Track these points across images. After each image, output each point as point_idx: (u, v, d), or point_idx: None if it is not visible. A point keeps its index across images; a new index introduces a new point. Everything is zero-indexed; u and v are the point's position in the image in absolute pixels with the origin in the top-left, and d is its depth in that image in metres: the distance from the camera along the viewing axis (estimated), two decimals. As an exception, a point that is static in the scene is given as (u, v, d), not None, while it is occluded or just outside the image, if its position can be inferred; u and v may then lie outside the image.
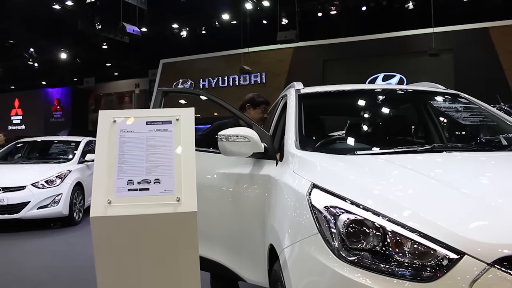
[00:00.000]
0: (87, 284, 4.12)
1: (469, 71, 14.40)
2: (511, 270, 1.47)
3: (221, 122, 3.64)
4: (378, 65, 16.18)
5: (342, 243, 1.67)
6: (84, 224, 7.71)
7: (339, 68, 17.10)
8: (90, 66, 25.24)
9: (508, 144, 2.93)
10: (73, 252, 5.99)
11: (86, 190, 8.06)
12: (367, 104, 3.43)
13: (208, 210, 3.05)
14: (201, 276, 2.18)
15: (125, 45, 17.34)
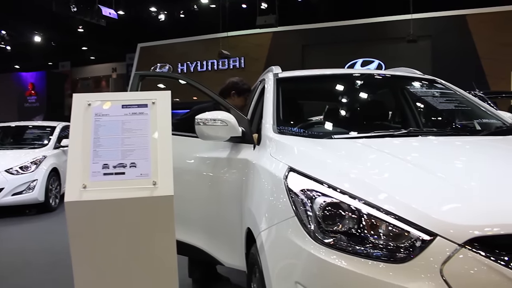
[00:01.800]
0: (63, 270, 4.08)
1: (447, 57, 14.58)
2: (481, 251, 1.50)
3: (200, 106, 3.61)
4: (357, 51, 16.24)
5: (318, 226, 1.68)
6: (60, 210, 7.62)
7: (318, 53, 17.10)
8: (65, 49, 24.68)
9: (481, 129, 2.99)
10: (49, 238, 5.92)
11: (63, 176, 7.95)
12: (345, 88, 3.44)
13: (185, 194, 3.04)
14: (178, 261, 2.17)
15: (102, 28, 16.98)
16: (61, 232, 5.34)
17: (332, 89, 3.46)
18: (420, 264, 1.52)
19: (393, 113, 3.71)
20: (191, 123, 2.71)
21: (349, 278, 1.58)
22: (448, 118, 3.27)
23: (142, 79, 3.04)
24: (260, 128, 2.67)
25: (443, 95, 3.18)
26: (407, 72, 3.56)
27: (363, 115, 3.28)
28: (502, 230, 1.54)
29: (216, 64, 18.80)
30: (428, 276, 1.50)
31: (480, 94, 7.25)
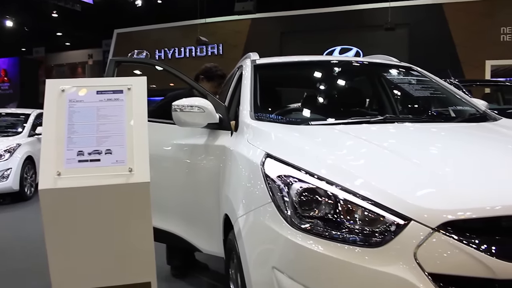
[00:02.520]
0: (38, 259, 4.03)
1: (424, 46, 14.70)
2: (453, 234, 1.54)
3: (174, 93, 3.58)
4: (335, 38, 16.25)
5: (295, 211, 1.69)
6: (35, 199, 7.49)
7: (297, 40, 17.06)
8: (39, 35, 24.05)
9: (456, 116, 3.04)
10: (23, 227, 5.83)
11: (38, 164, 7.79)
12: (323, 75, 3.44)
13: (163, 181, 3.02)
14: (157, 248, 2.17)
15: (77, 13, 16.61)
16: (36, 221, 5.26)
17: (310, 76, 3.46)
18: (395, 248, 1.55)
19: (371, 100, 3.74)
20: (166, 110, 2.69)
21: (325, 262, 1.60)
22: (424, 105, 3.31)
23: (118, 65, 2.99)
24: (238, 115, 2.66)
25: (418, 82, 3.22)
26: (384, 59, 3.59)
27: (341, 102, 3.29)
28: (474, 214, 1.57)
29: (194, 50, 18.59)
30: (402, 260, 1.53)
31: (455, 82, 7.38)
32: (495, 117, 2.86)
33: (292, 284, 1.64)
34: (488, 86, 10.06)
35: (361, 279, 1.55)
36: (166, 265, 3.82)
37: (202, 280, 3.71)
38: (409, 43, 15.49)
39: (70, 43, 26.22)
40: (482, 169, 1.87)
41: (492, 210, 1.58)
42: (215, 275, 3.79)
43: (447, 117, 3.10)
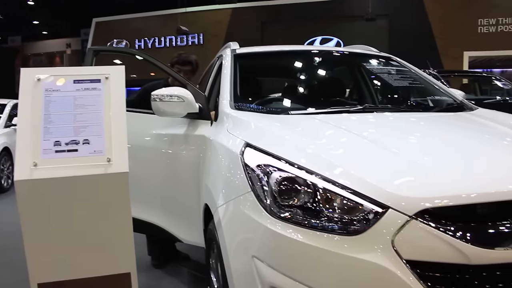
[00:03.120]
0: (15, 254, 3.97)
1: (403, 36, 14.83)
2: (430, 222, 1.56)
3: (151, 84, 3.55)
4: (316, 28, 16.27)
5: (274, 201, 1.69)
6: (13, 191, 7.29)
7: (278, 30, 17.03)
8: (15, 23, 23.49)
9: (434, 106, 3.08)
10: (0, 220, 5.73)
11: (15, 156, 7.65)
12: (303, 65, 3.45)
13: (142, 172, 3.00)
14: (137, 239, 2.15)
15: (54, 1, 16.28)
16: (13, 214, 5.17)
17: (290, 66, 3.46)
18: (373, 236, 1.57)
19: (350, 89, 3.76)
20: (142, 101, 2.67)
21: (305, 251, 1.61)
22: (403, 94, 3.34)
23: (96, 55, 2.95)
24: (218, 105, 2.65)
25: (398, 72, 3.25)
26: (363, 49, 3.61)
27: (321, 91, 3.30)
28: (451, 201, 1.60)
29: (174, 40, 18.41)
30: (380, 247, 1.55)
31: (434, 73, 7.47)
32: (472, 107, 2.91)
33: (272, 273, 1.65)
34: (466, 77, 10.21)
35: (340, 266, 1.57)
36: (147, 256, 3.81)
37: (182, 270, 3.71)
38: (389, 34, 15.61)
39: (47, 32, 25.72)
40: (459, 158, 1.90)
41: (468, 198, 1.62)
42: (196, 265, 3.80)
43: (425, 106, 3.14)
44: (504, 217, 1.65)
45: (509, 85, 8.20)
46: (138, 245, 3.79)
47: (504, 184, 1.69)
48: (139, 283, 2.16)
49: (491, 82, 8.91)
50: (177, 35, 17.83)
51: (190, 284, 3.42)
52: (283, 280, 1.63)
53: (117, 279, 2.11)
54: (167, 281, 3.47)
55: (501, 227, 1.63)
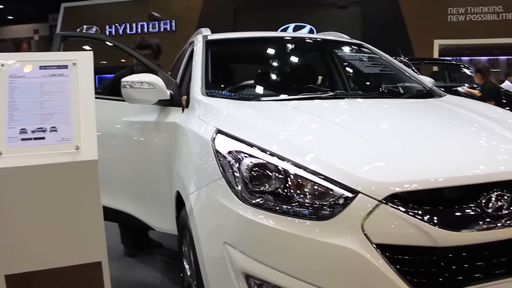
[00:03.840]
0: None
1: (375, 24, 14.95)
2: (399, 206, 1.59)
3: (119, 73, 3.49)
4: (289, 16, 16.24)
5: (246, 187, 1.69)
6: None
7: (251, 17, 16.93)
8: (-22, 7, 22.73)
9: (404, 92, 3.12)
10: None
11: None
12: (275, 51, 3.44)
13: (114, 160, 2.97)
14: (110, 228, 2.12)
15: (20, -15, 15.76)
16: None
17: (262, 52, 3.45)
18: (343, 221, 1.59)
19: (323, 76, 3.78)
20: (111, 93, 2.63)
21: (276, 236, 1.61)
22: (374, 81, 3.38)
23: (64, 40, 2.88)
24: (189, 91, 2.62)
25: (369, 59, 3.28)
26: (335, 36, 3.62)
27: (293, 78, 3.31)
28: (420, 186, 1.63)
29: (146, 26, 18.11)
30: (351, 232, 1.57)
31: (405, 60, 7.58)
32: (441, 94, 2.96)
33: (244, 259, 1.66)
34: (436, 65, 10.40)
35: (311, 251, 1.58)
36: (120, 245, 3.78)
37: (156, 258, 3.70)
38: (361, 21, 15.71)
39: (13, 16, 24.90)
40: (428, 144, 1.94)
41: (436, 182, 1.65)
42: (169, 252, 3.78)
43: (395, 93, 3.18)
44: (470, 201, 1.69)
45: (477, 72, 8.37)
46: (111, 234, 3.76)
47: (470, 169, 1.73)
48: (112, 272, 2.13)
49: (460, 70, 9.10)
50: (148, 21, 17.54)
51: (164, 271, 3.41)
52: (255, 266, 1.64)
53: (88, 268, 2.08)
54: (140, 269, 3.46)
55: (467, 210, 1.68)
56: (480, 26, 14.72)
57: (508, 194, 1.70)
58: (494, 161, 1.83)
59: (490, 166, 1.78)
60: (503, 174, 1.74)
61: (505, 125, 2.26)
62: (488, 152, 1.92)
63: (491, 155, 1.88)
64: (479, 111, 2.49)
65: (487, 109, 2.67)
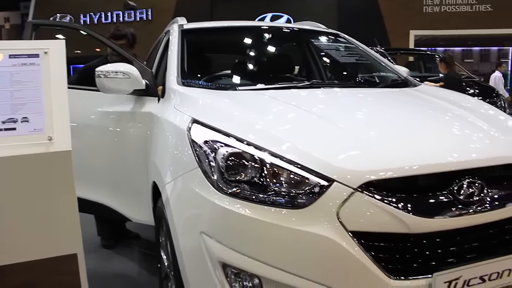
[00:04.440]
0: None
1: (352, 14, 15.01)
2: (374, 194, 1.61)
3: (91, 63, 3.43)
4: (266, 5, 16.17)
5: (222, 176, 1.69)
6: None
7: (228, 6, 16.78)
8: None
9: (380, 82, 3.15)
10: None
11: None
12: (251, 41, 3.43)
13: (89, 151, 2.93)
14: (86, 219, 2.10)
15: (-11, -28, 15.28)
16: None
17: (239, 42, 3.43)
18: (319, 209, 1.60)
19: (299, 66, 3.78)
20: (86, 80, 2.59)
21: (253, 225, 1.62)
22: (350, 71, 3.40)
23: (36, 29, 2.81)
24: (165, 81, 2.59)
25: (345, 49, 3.29)
26: (312, 26, 3.62)
27: (269, 67, 3.30)
28: (395, 173, 1.65)
29: (121, 16, 17.82)
30: (326, 220, 1.59)
31: (381, 50, 7.65)
32: (415, 83, 3.00)
33: (221, 248, 1.66)
34: (412, 55, 10.52)
35: (287, 239, 1.59)
36: (96, 237, 3.74)
37: (133, 249, 3.67)
38: (338, 11, 15.75)
39: (-18, 4, 24.19)
40: (403, 132, 1.96)
41: (410, 170, 1.67)
42: (146, 243, 3.77)
43: (371, 82, 3.21)
44: (443, 188, 1.72)
45: (451, 63, 8.50)
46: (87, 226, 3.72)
47: (444, 156, 1.76)
48: (88, 264, 2.11)
49: (434, 60, 9.21)
50: (124, 10, 17.23)
51: (141, 263, 3.39)
52: (232, 255, 1.64)
53: (63, 261, 2.06)
54: (117, 260, 3.43)
55: (441, 197, 1.71)
56: (454, 17, 14.95)
57: (479, 181, 1.74)
58: (466, 149, 1.87)
59: (462, 154, 1.81)
60: (474, 162, 1.78)
61: (478, 114, 2.30)
62: (461, 141, 1.95)
63: (464, 143, 1.92)
64: (453, 101, 2.53)
65: (460, 98, 2.71)
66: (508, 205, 1.80)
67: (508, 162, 1.87)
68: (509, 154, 1.90)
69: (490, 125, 2.12)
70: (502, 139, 2.00)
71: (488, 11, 14.93)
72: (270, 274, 1.60)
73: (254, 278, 1.65)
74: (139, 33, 3.93)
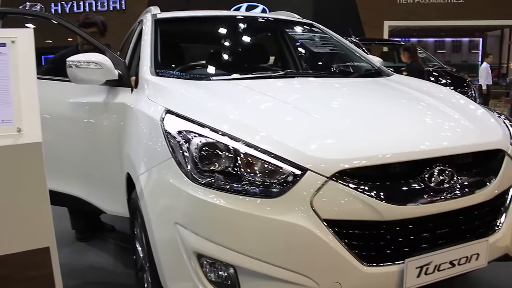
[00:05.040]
0: None
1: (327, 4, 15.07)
2: (347, 182, 1.63)
3: (61, 53, 3.36)
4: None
5: (195, 167, 1.68)
6: None
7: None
8: None
9: (353, 72, 3.18)
10: None
11: None
12: (226, 31, 3.40)
13: (61, 143, 2.88)
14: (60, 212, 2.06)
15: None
16: None
17: (213, 31, 3.40)
18: (293, 198, 1.61)
19: (273, 55, 3.78)
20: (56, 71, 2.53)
21: (227, 215, 1.62)
22: (324, 61, 3.41)
23: (3, 17, 2.73)
24: (138, 71, 2.56)
25: (320, 39, 3.30)
26: (287, 16, 3.62)
27: (244, 57, 3.29)
28: (368, 162, 1.67)
29: (94, 4, 17.46)
30: (300, 209, 1.60)
31: (356, 41, 7.70)
32: (388, 73, 3.03)
33: (195, 239, 1.65)
34: (386, 45, 10.62)
35: (262, 228, 1.60)
36: (71, 230, 3.68)
37: (108, 242, 3.63)
38: (313, 2, 15.78)
39: None
40: (376, 121, 1.99)
41: (383, 158, 1.70)
42: (122, 236, 3.73)
43: (345, 72, 3.23)
44: (415, 176, 1.76)
45: (424, 53, 8.63)
46: (62, 219, 3.67)
47: (416, 145, 1.79)
48: (63, 258, 2.08)
49: (408, 50, 9.30)
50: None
51: (116, 255, 3.36)
52: (207, 245, 1.64)
53: (35, 255, 2.02)
54: (92, 253, 3.39)
55: (413, 184, 1.74)
56: (427, 8, 15.17)
57: (449, 169, 1.78)
58: (438, 138, 1.90)
59: (434, 142, 1.85)
60: (445, 150, 1.82)
61: (449, 103, 2.34)
62: (432, 129, 1.99)
63: (435, 132, 1.96)
64: (425, 90, 2.57)
65: (432, 88, 2.76)
66: (477, 191, 1.85)
67: (477, 150, 1.92)
68: (479, 142, 1.95)
69: (461, 114, 2.16)
70: (472, 127, 2.04)
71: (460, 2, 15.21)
72: (245, 263, 1.61)
73: (229, 267, 1.65)
74: (112, 22, 3.87)
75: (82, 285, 2.87)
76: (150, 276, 1.99)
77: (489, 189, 1.89)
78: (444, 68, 7.90)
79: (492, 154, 1.98)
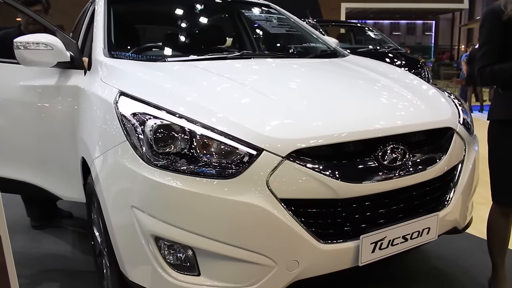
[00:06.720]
0: None
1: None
2: (303, 162, 1.65)
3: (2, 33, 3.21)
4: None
5: (151, 149, 1.66)
6: None
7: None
8: None
9: (309, 52, 3.20)
10: None
11: None
12: (182, 12, 3.34)
13: (11, 128, 2.78)
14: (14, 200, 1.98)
15: None
16: None
17: (169, 12, 3.33)
18: (249, 178, 1.62)
19: (230, 36, 3.75)
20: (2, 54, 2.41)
21: (184, 197, 1.61)
22: (281, 42, 3.42)
23: None
24: (91, 53, 2.48)
25: (276, 20, 3.30)
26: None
27: (200, 39, 3.25)
28: (323, 141, 1.70)
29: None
30: (257, 189, 1.61)
31: (313, 22, 7.73)
32: (344, 54, 3.07)
33: (153, 222, 1.64)
34: (342, 27, 10.72)
35: (219, 209, 1.61)
36: (26, 218, 3.58)
37: (66, 229, 3.56)
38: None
39: None
40: (331, 101, 2.01)
41: (338, 137, 1.73)
42: (80, 222, 3.66)
43: (301, 53, 3.25)
44: (369, 154, 1.80)
45: (380, 35, 8.77)
46: (16, 207, 3.55)
47: (371, 124, 1.83)
48: (17, 247, 2.03)
49: (365, 32, 9.45)
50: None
51: (74, 242, 3.30)
52: (165, 228, 1.63)
53: (-14, 243, 1.96)
54: (49, 241, 3.31)
55: (368, 162, 1.79)
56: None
57: (402, 147, 1.83)
58: (391, 117, 1.95)
59: (387, 121, 1.89)
60: (398, 128, 1.87)
61: (403, 84, 2.40)
62: (386, 108, 2.04)
63: (389, 111, 2.01)
64: (380, 71, 2.62)
65: (388, 69, 2.81)
66: (429, 168, 1.92)
67: (428, 128, 1.98)
68: (429, 120, 2.01)
69: (413, 94, 2.22)
70: (423, 107, 2.10)
71: (415, -15, 15.49)
72: (203, 244, 1.62)
73: (187, 249, 1.65)
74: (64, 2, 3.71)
75: (39, 273, 2.80)
76: (109, 261, 1.97)
77: (439, 166, 1.96)
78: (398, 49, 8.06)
79: (442, 132, 2.06)
